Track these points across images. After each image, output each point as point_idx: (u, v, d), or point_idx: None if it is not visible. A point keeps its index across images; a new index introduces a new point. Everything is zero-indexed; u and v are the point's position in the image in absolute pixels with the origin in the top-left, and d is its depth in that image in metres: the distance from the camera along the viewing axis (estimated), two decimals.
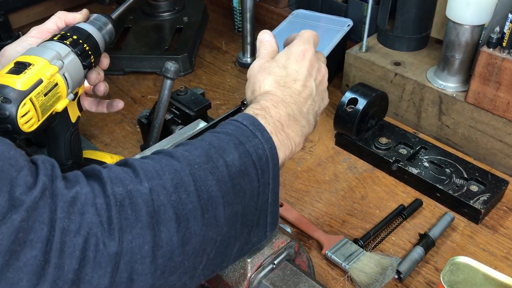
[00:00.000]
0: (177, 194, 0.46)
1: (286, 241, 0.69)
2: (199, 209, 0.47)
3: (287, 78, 0.62)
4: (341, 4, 1.26)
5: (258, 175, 0.53)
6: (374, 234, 0.84)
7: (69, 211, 0.41)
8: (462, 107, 0.96)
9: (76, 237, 0.40)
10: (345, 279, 0.78)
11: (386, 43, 1.12)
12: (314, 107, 0.63)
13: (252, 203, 0.53)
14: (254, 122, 0.55)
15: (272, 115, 0.58)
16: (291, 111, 0.59)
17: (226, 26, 1.48)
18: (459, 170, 0.92)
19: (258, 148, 0.53)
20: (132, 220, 0.43)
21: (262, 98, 0.59)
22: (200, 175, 0.48)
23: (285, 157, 0.58)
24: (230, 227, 0.51)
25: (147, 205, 0.44)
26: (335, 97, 1.17)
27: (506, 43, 0.86)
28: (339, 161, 1.01)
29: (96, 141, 1.08)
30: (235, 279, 0.66)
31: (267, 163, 0.54)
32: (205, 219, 0.48)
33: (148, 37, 1.34)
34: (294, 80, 0.62)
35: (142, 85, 1.25)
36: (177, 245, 0.46)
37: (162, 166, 0.48)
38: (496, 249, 0.83)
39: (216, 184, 0.49)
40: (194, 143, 0.53)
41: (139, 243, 0.43)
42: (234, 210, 0.51)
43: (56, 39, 0.71)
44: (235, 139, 0.53)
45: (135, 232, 0.43)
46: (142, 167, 0.47)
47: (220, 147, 0.52)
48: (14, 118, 0.62)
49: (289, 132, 0.58)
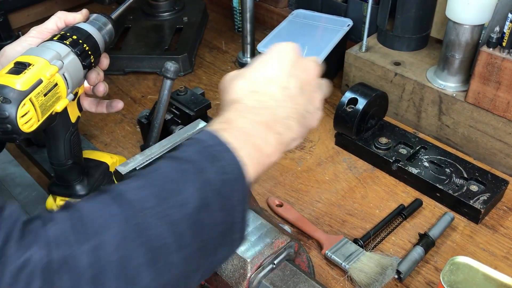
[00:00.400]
0: (122, 251, 0.42)
1: (286, 241, 0.69)
2: (148, 262, 0.43)
3: (259, 81, 0.56)
4: (341, 4, 1.26)
5: (221, 204, 0.48)
6: (374, 234, 0.84)
7: (16, 279, 0.38)
8: (462, 107, 0.96)
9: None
10: (345, 279, 0.78)
11: (386, 43, 1.12)
12: (298, 110, 0.56)
13: (214, 233, 0.49)
14: (218, 141, 0.50)
15: (237, 127, 0.52)
16: (262, 118, 0.54)
17: (226, 26, 1.48)
18: (459, 170, 0.92)
19: (223, 171, 0.49)
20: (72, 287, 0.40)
21: (228, 109, 0.54)
22: (149, 223, 0.44)
23: (257, 171, 0.52)
24: (188, 265, 0.47)
25: (87, 270, 0.40)
26: (335, 97, 1.17)
27: (506, 43, 0.86)
28: (339, 161, 1.01)
29: (96, 141, 1.08)
30: (235, 279, 0.66)
31: (235, 186, 0.49)
32: (156, 270, 0.44)
33: (148, 37, 1.34)
34: (268, 82, 0.56)
35: (142, 85, 1.25)
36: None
37: (107, 217, 0.43)
38: (496, 249, 0.83)
39: (168, 229, 0.44)
40: (148, 178, 0.48)
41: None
42: (193, 248, 0.47)
43: (56, 39, 0.71)
44: (195, 167, 0.48)
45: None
46: (84, 221, 0.43)
47: (176, 181, 0.47)
48: (14, 118, 0.62)
49: (260, 143, 0.53)
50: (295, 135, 0.56)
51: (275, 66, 0.57)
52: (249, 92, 0.55)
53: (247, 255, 0.65)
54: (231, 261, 0.66)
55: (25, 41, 0.72)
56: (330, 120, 1.06)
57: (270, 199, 0.91)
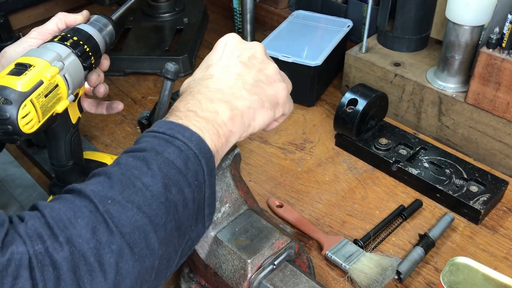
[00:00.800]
0: (96, 239, 0.43)
1: (286, 242, 0.69)
2: (126, 246, 0.44)
3: (200, 70, 0.60)
4: (341, 5, 1.26)
5: (188, 180, 0.49)
6: (374, 234, 0.85)
7: (3, 275, 0.39)
8: (462, 108, 0.96)
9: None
10: (345, 279, 0.78)
11: (386, 44, 1.12)
12: (244, 80, 0.58)
13: (188, 211, 0.50)
14: (168, 125, 0.52)
15: (180, 109, 0.55)
16: (203, 95, 0.56)
17: (226, 27, 1.48)
18: (459, 171, 0.92)
19: (180, 150, 0.50)
20: (54, 280, 0.41)
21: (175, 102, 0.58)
22: (116, 210, 0.45)
23: (219, 141, 0.54)
24: (168, 245, 0.48)
25: (67, 260, 0.41)
26: (335, 98, 1.18)
27: (505, 44, 0.86)
28: (339, 161, 1.01)
29: (97, 142, 1.08)
30: (235, 280, 0.66)
31: (197, 161, 0.51)
32: (135, 254, 0.44)
33: (149, 38, 1.35)
34: (208, 66, 0.60)
35: (143, 86, 1.25)
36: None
37: (74, 211, 0.44)
38: (496, 249, 0.83)
39: (139, 211, 0.45)
40: (107, 172, 0.49)
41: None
42: (168, 228, 0.47)
43: (56, 41, 0.71)
44: (151, 152, 0.49)
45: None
46: (53, 217, 0.43)
47: (135, 168, 0.48)
48: (14, 120, 0.62)
49: (209, 115, 0.54)
50: (248, 102, 0.57)
51: (215, 54, 0.61)
52: (191, 82, 0.59)
53: (248, 255, 0.66)
54: (232, 262, 0.67)
55: (25, 42, 0.72)
56: (330, 121, 1.06)
57: (270, 200, 0.92)
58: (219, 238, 0.69)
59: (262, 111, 0.59)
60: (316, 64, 1.07)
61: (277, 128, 1.09)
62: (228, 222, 0.71)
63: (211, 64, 0.60)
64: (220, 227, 0.70)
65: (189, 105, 0.55)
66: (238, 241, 0.68)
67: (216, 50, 0.61)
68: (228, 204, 0.72)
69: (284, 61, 1.09)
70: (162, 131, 0.52)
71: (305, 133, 1.09)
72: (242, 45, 0.61)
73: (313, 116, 1.13)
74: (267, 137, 1.08)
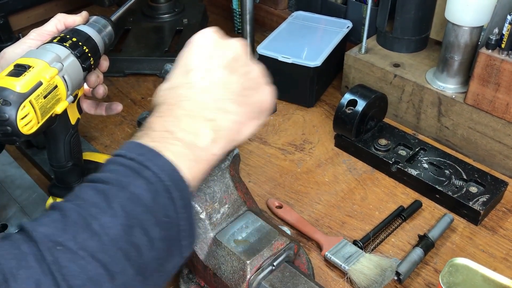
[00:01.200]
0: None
1: (286, 243, 0.69)
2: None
3: (178, 76, 0.53)
4: (340, 6, 1.26)
5: (156, 218, 0.44)
6: (374, 235, 0.84)
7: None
8: (461, 109, 0.96)
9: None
10: (344, 280, 0.78)
11: (385, 45, 1.12)
12: (230, 89, 0.52)
13: (154, 251, 0.44)
14: (139, 149, 0.47)
15: (155, 128, 0.49)
16: (185, 111, 0.50)
17: (225, 28, 1.48)
18: (458, 171, 0.92)
19: (149, 183, 0.44)
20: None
21: (150, 116, 0.51)
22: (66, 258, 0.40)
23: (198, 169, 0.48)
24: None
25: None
26: (334, 99, 1.18)
27: (505, 45, 0.86)
28: (338, 162, 1.01)
29: (96, 143, 1.08)
30: (235, 281, 0.66)
31: (168, 195, 0.45)
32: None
33: (148, 39, 1.35)
34: (186, 73, 0.52)
35: (142, 87, 1.25)
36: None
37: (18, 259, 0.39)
38: (495, 250, 0.83)
39: (92, 259, 0.40)
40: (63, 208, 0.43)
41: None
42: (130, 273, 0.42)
43: (55, 42, 0.71)
44: (114, 186, 0.44)
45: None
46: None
47: (95, 204, 0.43)
48: (13, 121, 0.62)
49: (190, 138, 0.48)
50: (236, 117, 0.51)
51: (193, 55, 0.53)
52: (169, 91, 0.52)
53: (247, 256, 0.66)
54: (231, 263, 0.67)
55: (25, 43, 0.72)
56: (329, 122, 1.06)
57: (269, 201, 0.92)
58: (218, 239, 0.69)
59: (250, 123, 0.53)
60: (315, 65, 1.08)
61: (276, 128, 1.10)
62: (228, 223, 0.71)
63: (191, 68, 0.53)
64: (219, 228, 0.70)
65: (166, 123, 0.49)
66: (237, 242, 0.68)
67: (193, 49, 0.54)
68: (227, 205, 0.72)
69: (283, 61, 1.09)
70: (131, 156, 0.46)
71: (305, 134, 1.09)
72: (222, 44, 0.54)
73: (313, 117, 1.13)
74: (266, 137, 1.08)
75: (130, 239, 0.42)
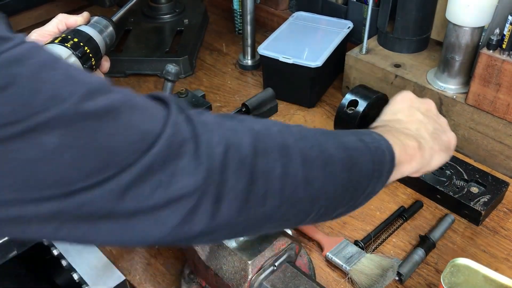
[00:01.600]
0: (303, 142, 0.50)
1: (287, 243, 0.69)
2: (320, 160, 0.50)
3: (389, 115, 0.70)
4: (341, 6, 1.26)
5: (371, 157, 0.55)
6: (375, 235, 0.85)
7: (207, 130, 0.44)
8: (462, 109, 0.96)
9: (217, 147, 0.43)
10: (345, 280, 0.78)
11: (386, 45, 1.12)
12: (426, 126, 0.67)
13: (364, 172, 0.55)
14: (370, 131, 0.61)
15: (384, 128, 0.64)
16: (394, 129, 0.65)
17: (226, 28, 1.48)
18: (459, 172, 0.92)
19: (373, 140, 0.57)
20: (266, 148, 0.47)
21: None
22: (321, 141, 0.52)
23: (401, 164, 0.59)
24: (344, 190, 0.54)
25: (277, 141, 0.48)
26: (335, 99, 1.18)
27: (506, 45, 0.86)
28: None
29: None
30: (236, 281, 0.66)
31: (383, 155, 0.57)
32: (325, 171, 0.51)
33: (149, 40, 1.35)
34: (393, 114, 0.69)
35: (143, 88, 1.25)
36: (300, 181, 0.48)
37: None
38: (496, 250, 0.83)
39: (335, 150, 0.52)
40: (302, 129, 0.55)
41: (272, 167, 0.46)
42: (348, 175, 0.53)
43: (57, 42, 0.71)
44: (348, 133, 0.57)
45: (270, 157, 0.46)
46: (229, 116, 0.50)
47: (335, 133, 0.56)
48: None
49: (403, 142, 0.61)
50: (430, 144, 0.65)
51: (398, 104, 0.70)
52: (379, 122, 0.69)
53: (248, 257, 0.66)
54: (232, 263, 0.67)
55: None
56: (330, 122, 1.06)
57: None
58: None
59: (440, 153, 0.67)
60: (316, 65, 1.08)
61: None
62: None
63: (398, 112, 0.69)
64: None
65: (390, 129, 0.63)
66: (239, 242, 0.68)
67: (396, 102, 0.71)
68: None
69: (284, 62, 1.09)
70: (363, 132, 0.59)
71: None
72: (419, 100, 0.71)
73: (314, 117, 1.13)
74: None
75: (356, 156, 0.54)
